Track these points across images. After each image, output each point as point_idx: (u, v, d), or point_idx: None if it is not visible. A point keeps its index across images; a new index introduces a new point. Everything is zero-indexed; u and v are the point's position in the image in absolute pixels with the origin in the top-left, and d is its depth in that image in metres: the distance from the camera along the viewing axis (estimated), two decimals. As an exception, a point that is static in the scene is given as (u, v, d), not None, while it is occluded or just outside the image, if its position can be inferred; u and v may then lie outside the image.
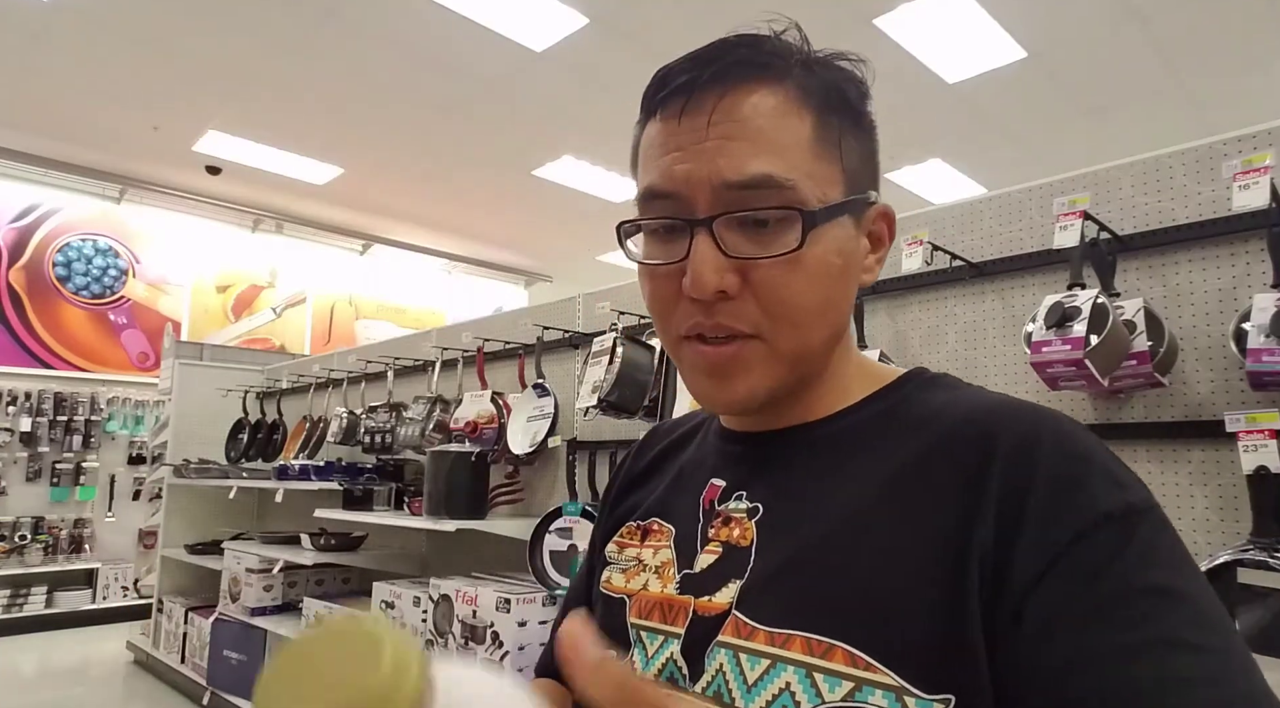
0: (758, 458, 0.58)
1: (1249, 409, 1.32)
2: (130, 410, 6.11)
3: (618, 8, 3.82)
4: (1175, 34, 3.98)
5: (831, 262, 0.52)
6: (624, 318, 2.49)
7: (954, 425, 0.50)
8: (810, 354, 0.54)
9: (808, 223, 0.49)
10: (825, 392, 0.57)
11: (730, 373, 0.52)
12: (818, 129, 0.52)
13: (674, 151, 0.51)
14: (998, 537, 0.44)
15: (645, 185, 0.53)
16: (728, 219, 0.50)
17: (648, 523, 0.64)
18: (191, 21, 4.02)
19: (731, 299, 0.50)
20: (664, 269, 0.53)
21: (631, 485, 0.71)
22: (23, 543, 5.44)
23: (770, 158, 0.49)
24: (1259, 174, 1.32)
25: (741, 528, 0.55)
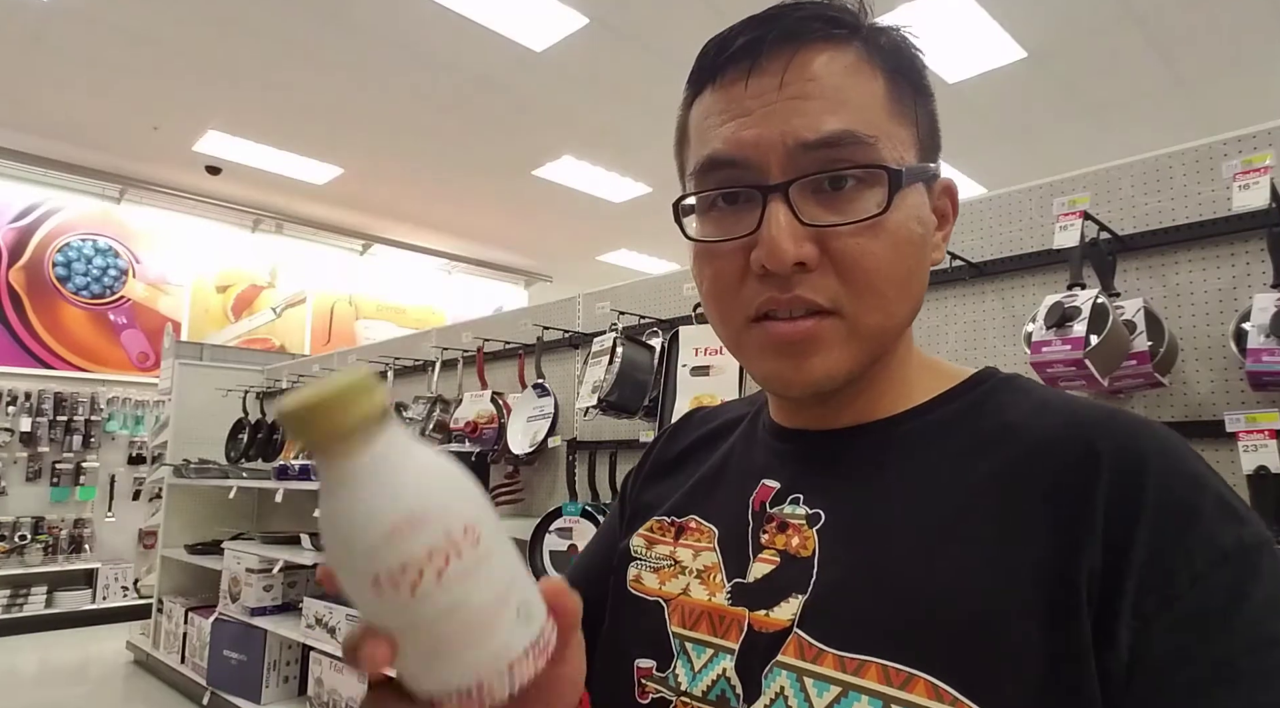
0: (816, 459, 0.53)
1: (1249, 409, 1.32)
2: (130, 410, 6.11)
3: (618, 8, 3.82)
4: (1175, 34, 3.98)
5: (913, 230, 0.48)
6: (624, 318, 2.49)
7: (1048, 436, 0.45)
8: (890, 333, 0.49)
9: (894, 183, 0.45)
10: (889, 387, 0.53)
11: (807, 351, 0.47)
12: (891, 89, 0.48)
13: (740, 117, 0.47)
14: (1106, 568, 0.39)
15: (705, 155, 0.48)
16: (803, 184, 0.46)
17: (684, 520, 0.58)
18: (191, 21, 4.02)
19: (809, 272, 0.46)
20: (728, 246, 0.48)
21: (660, 472, 0.65)
22: (23, 543, 5.44)
23: (849, 114, 0.46)
24: (1259, 174, 1.32)
25: (801, 536, 0.50)
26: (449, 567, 0.31)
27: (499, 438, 2.74)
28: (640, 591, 0.57)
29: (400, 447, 0.32)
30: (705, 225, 0.50)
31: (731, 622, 0.50)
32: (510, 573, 0.34)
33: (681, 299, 2.46)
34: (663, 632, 0.53)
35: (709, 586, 0.53)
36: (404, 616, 0.31)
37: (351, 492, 0.31)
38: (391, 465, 0.32)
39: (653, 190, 6.16)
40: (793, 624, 0.47)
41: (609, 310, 2.57)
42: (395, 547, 0.30)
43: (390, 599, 0.31)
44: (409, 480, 0.32)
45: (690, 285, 2.45)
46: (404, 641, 0.32)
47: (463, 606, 0.32)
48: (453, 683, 0.33)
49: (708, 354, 2.18)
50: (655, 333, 2.42)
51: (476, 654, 0.32)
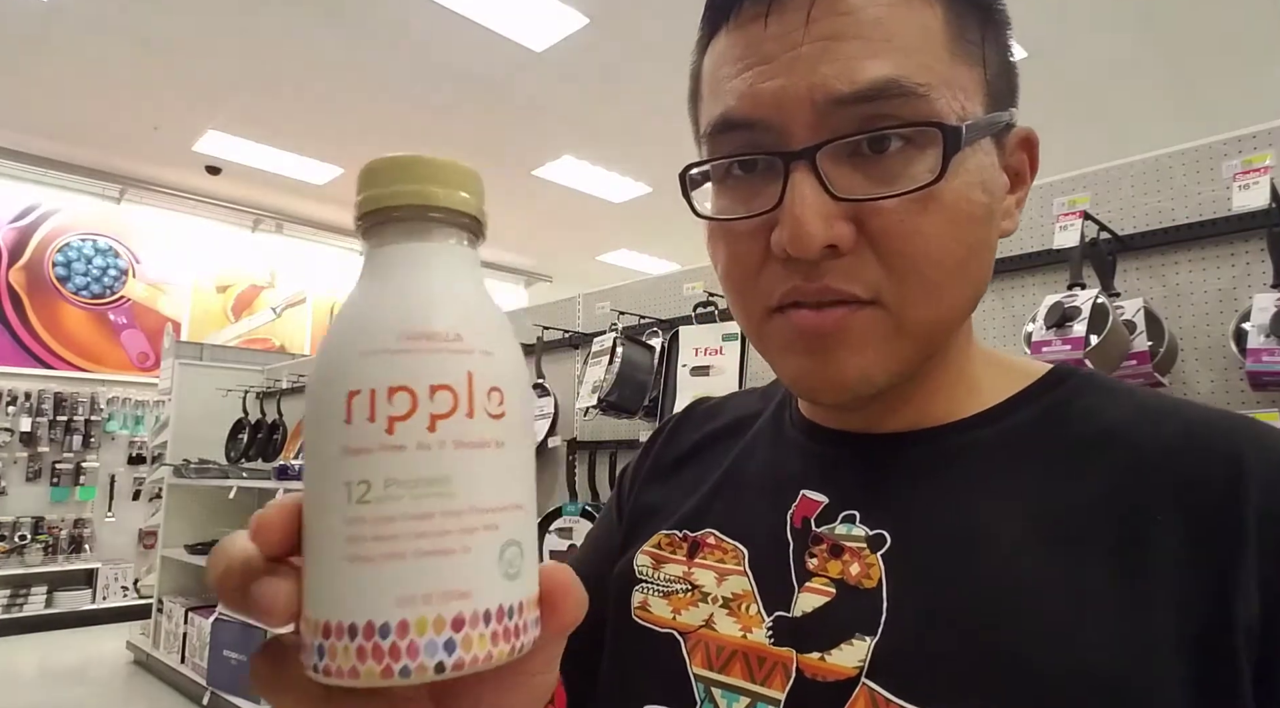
0: (871, 469, 0.44)
1: (1249, 409, 1.32)
2: (130, 410, 6.11)
3: (618, 8, 3.82)
4: (1175, 34, 3.98)
5: (976, 200, 0.38)
6: (624, 318, 2.49)
7: (1166, 445, 0.38)
8: (945, 327, 0.41)
9: (950, 144, 0.36)
10: (952, 385, 0.44)
11: (837, 347, 0.39)
12: (951, 20, 0.39)
13: (758, 65, 0.38)
14: (1265, 612, 0.32)
15: (717, 114, 0.40)
16: (836, 149, 0.37)
17: (700, 535, 0.48)
18: (191, 21, 4.02)
19: (843, 256, 0.37)
20: (745, 225, 0.40)
21: (663, 473, 0.56)
22: (23, 543, 5.44)
23: (895, 57, 0.36)
24: (1259, 174, 1.32)
25: (862, 563, 0.41)
26: (450, 418, 0.24)
27: (499, 438, 2.75)
28: (649, 621, 0.47)
29: (474, 270, 0.27)
30: (720, 198, 0.42)
31: (775, 665, 0.41)
32: (514, 497, 0.25)
33: (681, 299, 2.46)
34: (681, 673, 0.44)
35: (740, 618, 0.43)
36: (357, 467, 0.23)
37: (396, 276, 0.25)
38: (457, 274, 0.26)
39: (653, 190, 6.16)
40: (860, 673, 0.38)
41: (609, 310, 2.57)
42: (402, 358, 0.24)
43: (357, 433, 0.23)
44: (463, 300, 0.26)
45: (690, 285, 2.45)
46: (328, 521, 0.23)
47: (441, 484, 0.23)
48: (361, 608, 0.22)
49: (708, 354, 2.18)
50: (655, 333, 2.42)
51: (420, 575, 0.23)
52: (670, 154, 5.48)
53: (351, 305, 0.25)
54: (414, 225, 0.26)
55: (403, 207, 0.26)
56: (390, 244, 0.26)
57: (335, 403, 0.24)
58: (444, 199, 0.26)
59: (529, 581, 0.26)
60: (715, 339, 2.19)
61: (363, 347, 0.24)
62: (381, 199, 0.26)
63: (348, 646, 0.22)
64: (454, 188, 0.26)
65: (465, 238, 0.27)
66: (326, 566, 0.23)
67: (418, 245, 0.26)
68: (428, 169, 0.26)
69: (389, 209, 0.26)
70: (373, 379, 0.23)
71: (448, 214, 0.26)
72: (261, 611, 0.22)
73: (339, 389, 0.24)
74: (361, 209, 0.26)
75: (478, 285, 0.27)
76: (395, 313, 0.24)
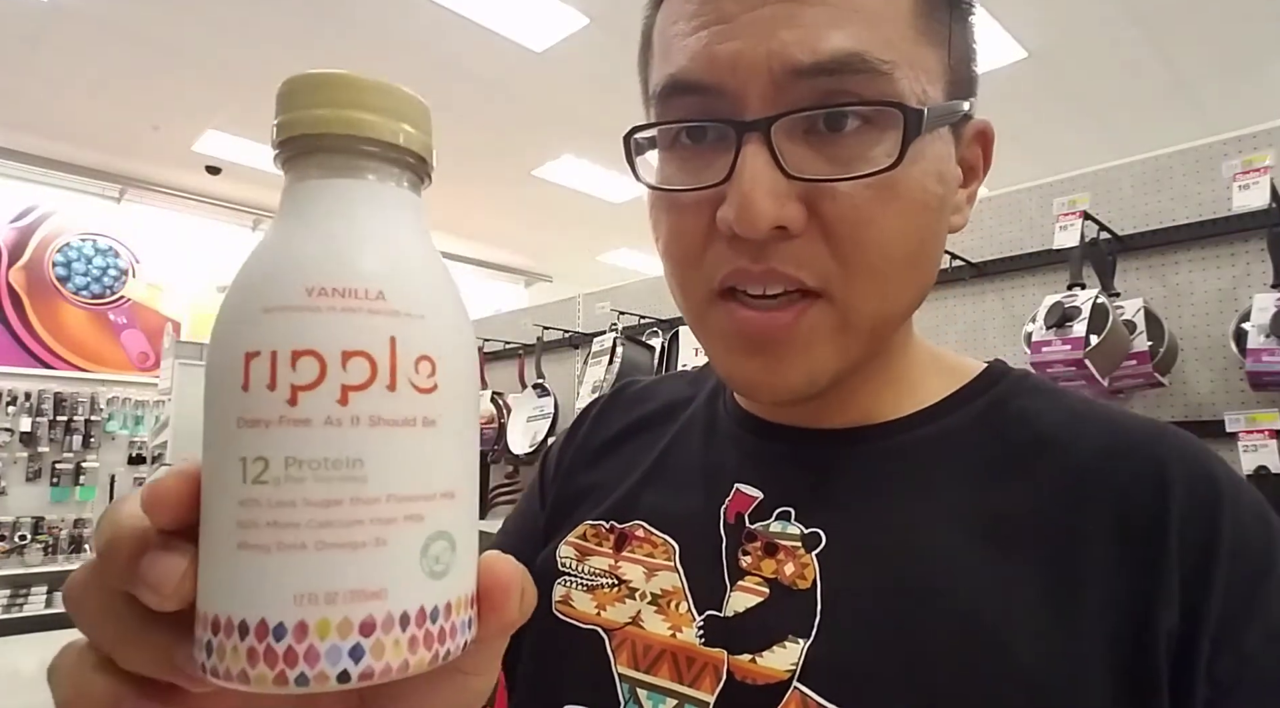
0: (808, 465, 0.43)
1: (1249, 409, 1.32)
2: (130, 410, 6.11)
3: (618, 8, 3.82)
4: (1175, 34, 3.98)
5: (931, 190, 0.37)
6: (624, 318, 2.49)
7: (1096, 455, 0.38)
8: (891, 323, 0.40)
9: (911, 128, 0.34)
10: (893, 382, 0.44)
11: (783, 349, 0.37)
12: None
13: (715, 25, 0.36)
14: (1183, 623, 0.33)
15: (667, 74, 0.38)
16: (792, 122, 0.35)
17: (627, 527, 0.46)
18: (191, 21, 4.02)
19: (792, 238, 0.36)
20: (691, 197, 0.38)
21: (587, 458, 0.53)
22: (23, 543, 5.44)
23: (860, 29, 0.34)
24: (1259, 174, 1.32)
25: (796, 563, 0.40)
26: (366, 390, 0.20)
27: (499, 438, 2.75)
28: (571, 616, 0.45)
29: (412, 217, 0.23)
30: (665, 166, 0.40)
31: (705, 666, 0.39)
32: (445, 484, 0.22)
33: (681, 299, 2.46)
34: (605, 672, 0.42)
35: (669, 616, 0.42)
36: (253, 441, 0.20)
37: (313, 218, 0.21)
38: (388, 219, 0.22)
39: (653, 190, 6.16)
40: (792, 677, 0.37)
41: (609, 310, 2.57)
42: (310, 316, 0.20)
43: (254, 401, 0.20)
44: (391, 251, 0.22)
45: (690, 285, 2.45)
46: (220, 502, 0.20)
47: (351, 466, 0.20)
48: (252, 604, 0.19)
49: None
50: (655, 333, 2.42)
51: (323, 571, 0.19)
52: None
53: (259, 251, 0.22)
54: (340, 158, 0.22)
55: (327, 135, 0.22)
56: (309, 180, 0.22)
57: (232, 365, 0.20)
58: (378, 130, 0.22)
59: (461, 578, 0.22)
60: (715, 339, 2.19)
61: (266, 301, 0.20)
62: (300, 124, 0.22)
63: (237, 645, 0.19)
64: (392, 118, 0.22)
65: (405, 178, 0.23)
66: (216, 552, 0.20)
67: (342, 182, 0.22)
68: (362, 92, 0.22)
69: (311, 137, 0.22)
70: (274, 340, 0.20)
71: (383, 148, 0.22)
72: (149, 588, 0.19)
73: (236, 349, 0.20)
74: (279, 134, 0.22)
75: (415, 236, 0.23)
76: (306, 262, 0.21)
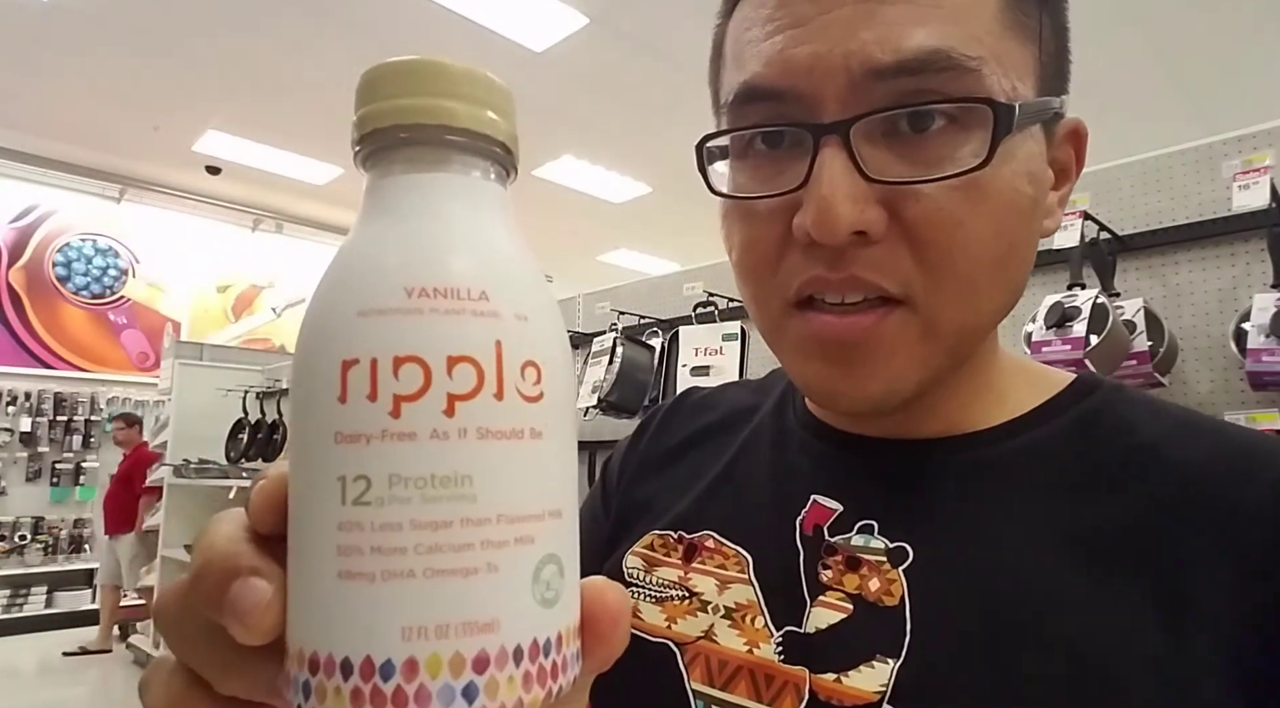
0: (891, 477, 0.41)
1: (1249, 409, 1.32)
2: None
3: (618, 8, 3.82)
4: (1175, 34, 3.98)
5: (1022, 191, 0.35)
6: (624, 318, 2.49)
7: (1203, 469, 0.35)
8: (977, 333, 0.38)
9: (1001, 125, 0.33)
10: (978, 393, 0.41)
11: (863, 355, 0.36)
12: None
13: (790, 29, 0.34)
14: (1271, 657, 0.31)
15: (741, 82, 0.36)
16: (871, 124, 0.33)
17: (697, 537, 0.44)
18: (191, 21, 4.02)
19: (873, 244, 0.34)
20: (766, 205, 0.36)
21: (652, 467, 0.52)
22: (23, 543, 5.44)
23: (943, 25, 0.33)
24: (1259, 174, 1.32)
25: (882, 578, 0.38)
26: (474, 399, 0.18)
27: (499, 438, 2.75)
28: (639, 629, 0.43)
29: (504, 212, 0.21)
30: (738, 175, 0.38)
31: (785, 685, 0.37)
32: (552, 501, 0.20)
33: (681, 299, 2.46)
34: (678, 687, 0.40)
35: (744, 631, 0.40)
36: (353, 458, 0.18)
37: (405, 215, 0.20)
38: (483, 214, 0.20)
39: (653, 190, 6.16)
40: (882, 699, 0.35)
41: (609, 310, 2.57)
42: (412, 320, 0.18)
43: (354, 414, 0.18)
44: (491, 248, 0.20)
45: (690, 285, 2.46)
46: (316, 526, 0.18)
47: (460, 484, 0.18)
48: (356, 640, 0.18)
49: (708, 354, 2.18)
50: (655, 333, 2.42)
51: (433, 601, 0.18)
52: (670, 154, 5.47)
53: (348, 252, 0.20)
54: (428, 151, 0.20)
55: (413, 126, 0.20)
56: (397, 175, 0.20)
57: (327, 375, 0.18)
58: (468, 119, 0.20)
59: (570, 605, 0.20)
60: (715, 339, 2.19)
61: (362, 304, 0.18)
62: (386, 115, 0.21)
63: (340, 686, 0.17)
64: (483, 106, 0.20)
65: (493, 170, 0.21)
66: (312, 582, 0.18)
67: (432, 177, 0.20)
68: (447, 79, 0.20)
69: (395, 129, 0.20)
70: (374, 347, 0.18)
71: (472, 138, 0.20)
72: (236, 616, 0.18)
73: (331, 358, 0.18)
74: (361, 128, 0.21)
75: (510, 231, 0.21)
76: (402, 262, 0.19)
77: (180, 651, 0.20)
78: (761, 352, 2.28)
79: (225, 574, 0.18)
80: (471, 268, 0.19)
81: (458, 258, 0.19)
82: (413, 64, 0.20)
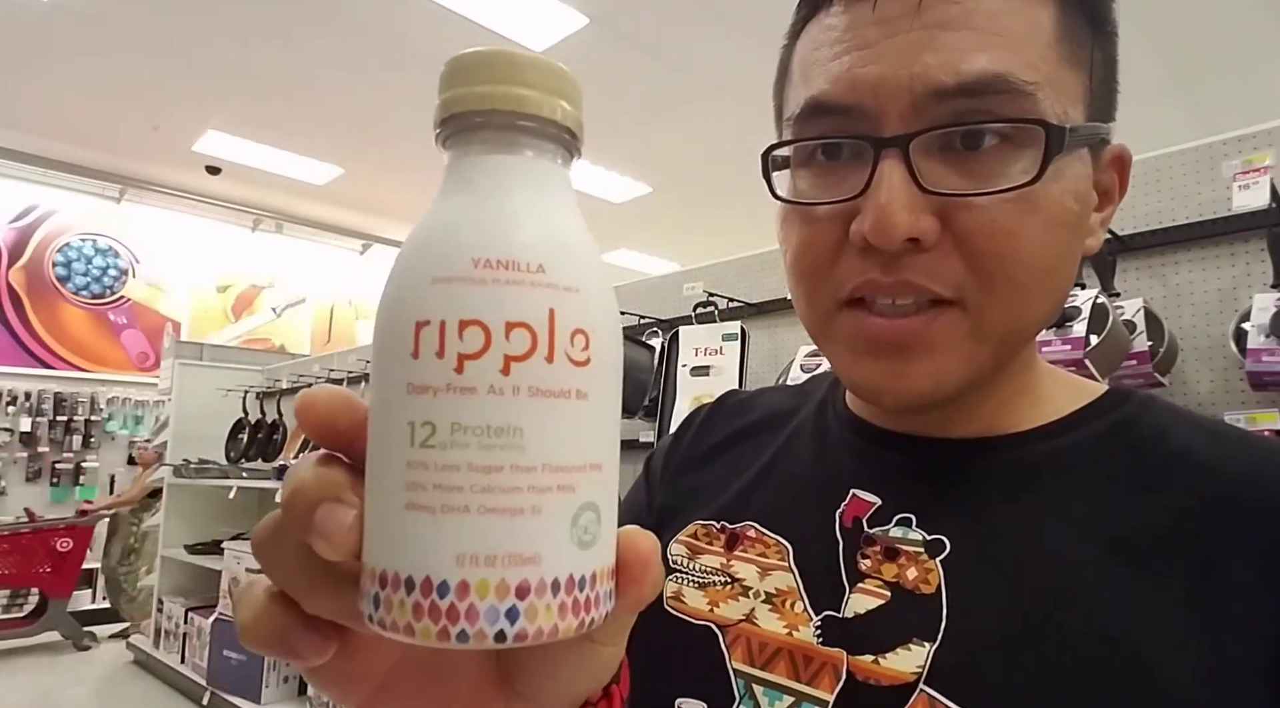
0: (930, 474, 0.43)
1: (1249, 409, 1.32)
2: (130, 410, 6.12)
3: (618, 8, 3.82)
4: (1175, 34, 3.98)
5: (1068, 206, 0.37)
6: (624, 318, 2.49)
7: (1238, 473, 0.37)
8: (1022, 337, 0.40)
9: (1052, 145, 0.35)
10: (1018, 396, 0.43)
11: (911, 352, 0.37)
12: (1062, 23, 0.38)
13: (857, 50, 0.37)
14: None
15: (808, 97, 0.38)
16: (929, 140, 0.36)
17: (739, 528, 0.47)
18: (191, 21, 4.02)
19: (925, 251, 0.36)
20: (824, 211, 0.38)
21: (695, 463, 0.54)
22: (23, 543, 5.44)
23: (1003, 52, 0.35)
24: (1259, 174, 1.32)
25: (920, 567, 0.39)
26: (527, 361, 0.21)
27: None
28: (682, 611, 0.46)
29: (566, 193, 0.24)
30: (799, 182, 0.41)
31: (823, 666, 0.39)
32: (594, 455, 0.22)
33: (681, 299, 2.46)
34: (720, 666, 0.42)
35: (784, 615, 0.42)
36: (421, 406, 0.21)
37: (475, 192, 0.22)
38: (545, 194, 0.23)
39: (653, 190, 6.16)
40: (919, 679, 0.37)
41: (609, 310, 2.57)
42: (477, 289, 0.21)
43: (423, 369, 0.21)
44: (549, 225, 0.23)
45: (690, 285, 2.46)
46: (389, 463, 0.21)
47: (512, 434, 0.21)
48: (418, 562, 0.20)
49: (708, 354, 2.18)
50: (655, 333, 2.42)
51: (484, 534, 0.20)
52: (670, 154, 5.48)
53: (426, 224, 0.22)
54: (499, 134, 0.23)
55: (488, 111, 0.22)
56: (472, 156, 0.23)
57: (403, 333, 0.21)
58: (537, 106, 0.22)
59: (605, 549, 0.23)
60: (715, 339, 2.19)
61: (434, 272, 0.21)
62: (464, 101, 0.22)
63: (403, 600, 0.20)
64: (552, 94, 0.23)
65: (559, 155, 0.24)
66: (384, 511, 0.21)
67: (501, 158, 0.23)
68: (522, 69, 0.22)
69: (471, 113, 0.22)
70: (443, 310, 0.21)
71: (541, 123, 0.23)
72: (321, 538, 0.21)
73: (407, 318, 0.21)
74: (441, 113, 0.23)
75: (569, 210, 0.24)
76: (471, 235, 0.21)
77: (272, 572, 0.23)
78: (761, 352, 2.28)
79: (313, 500, 0.21)
80: (531, 243, 0.22)
81: (519, 233, 0.22)
82: (491, 54, 0.23)
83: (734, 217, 6.60)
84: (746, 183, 5.72)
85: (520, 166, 0.23)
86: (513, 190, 0.22)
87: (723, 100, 4.58)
